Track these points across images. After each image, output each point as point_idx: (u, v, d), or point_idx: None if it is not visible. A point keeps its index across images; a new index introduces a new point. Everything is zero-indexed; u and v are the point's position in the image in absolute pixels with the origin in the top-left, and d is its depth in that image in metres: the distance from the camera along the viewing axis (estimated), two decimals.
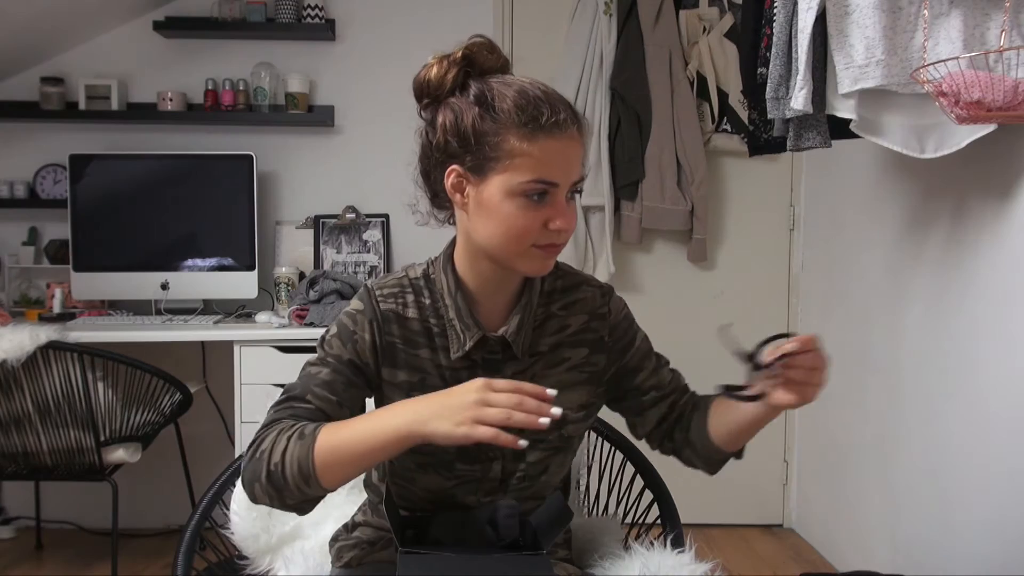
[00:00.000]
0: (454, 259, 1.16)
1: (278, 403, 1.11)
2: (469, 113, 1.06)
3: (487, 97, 1.06)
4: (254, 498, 1.07)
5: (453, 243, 1.17)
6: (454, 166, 1.08)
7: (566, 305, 1.21)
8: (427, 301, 1.16)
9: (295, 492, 1.03)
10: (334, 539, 1.32)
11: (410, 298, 1.16)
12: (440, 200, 1.15)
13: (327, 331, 1.16)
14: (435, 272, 1.18)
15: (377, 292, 1.16)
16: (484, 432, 0.94)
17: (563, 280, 1.22)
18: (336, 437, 1.02)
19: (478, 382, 0.98)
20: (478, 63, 1.09)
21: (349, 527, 1.31)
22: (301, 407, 1.10)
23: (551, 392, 0.97)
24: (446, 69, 1.08)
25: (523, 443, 0.94)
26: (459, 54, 1.08)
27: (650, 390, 1.25)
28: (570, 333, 1.20)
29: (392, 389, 1.16)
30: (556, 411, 0.95)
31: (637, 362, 1.25)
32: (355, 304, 1.17)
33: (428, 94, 1.09)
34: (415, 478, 1.18)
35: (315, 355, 1.15)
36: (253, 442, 1.07)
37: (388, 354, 1.15)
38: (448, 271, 1.15)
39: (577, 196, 1.11)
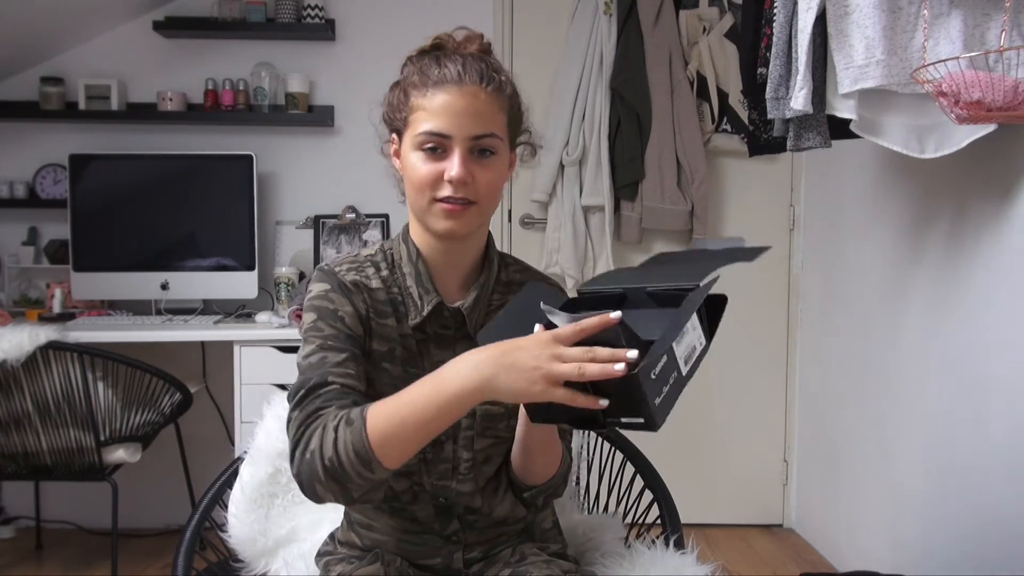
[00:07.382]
0: (410, 232, 1.20)
1: (299, 399, 1.05)
2: (398, 87, 1.16)
3: (408, 66, 1.16)
4: (316, 498, 1.01)
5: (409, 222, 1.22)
6: (392, 135, 1.19)
7: None
8: (386, 272, 1.19)
9: (358, 482, 0.98)
10: (320, 554, 1.27)
11: (371, 271, 1.19)
12: None
13: (304, 323, 1.12)
14: (392, 247, 1.22)
15: (336, 269, 1.17)
16: (562, 394, 0.88)
17: (521, 274, 1.26)
18: (389, 414, 0.96)
19: (546, 335, 0.91)
20: (447, 48, 1.16)
21: (336, 540, 1.28)
22: (328, 391, 1.04)
23: (615, 315, 0.89)
24: (416, 55, 1.17)
25: (603, 402, 0.88)
26: (429, 42, 1.17)
27: None
28: None
29: (368, 359, 1.15)
30: (632, 354, 0.86)
31: None
32: (320, 287, 1.14)
33: None
34: None
35: (308, 348, 1.09)
36: (296, 444, 1.02)
37: (366, 324, 1.15)
38: (408, 242, 1.20)
39: (489, 154, 1.12)
